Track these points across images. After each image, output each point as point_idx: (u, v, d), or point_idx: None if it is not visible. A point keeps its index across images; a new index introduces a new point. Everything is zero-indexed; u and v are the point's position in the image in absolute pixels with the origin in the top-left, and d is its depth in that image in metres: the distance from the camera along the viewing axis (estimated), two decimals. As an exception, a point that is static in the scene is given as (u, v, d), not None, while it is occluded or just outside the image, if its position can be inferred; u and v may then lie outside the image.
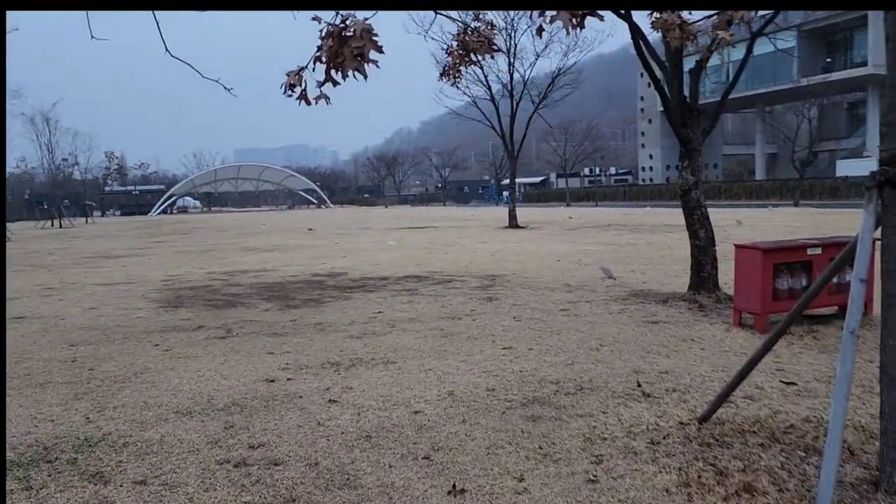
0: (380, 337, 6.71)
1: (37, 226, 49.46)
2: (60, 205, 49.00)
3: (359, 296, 9.42)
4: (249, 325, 7.50)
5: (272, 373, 5.47)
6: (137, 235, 29.93)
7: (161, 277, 12.34)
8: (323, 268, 13.16)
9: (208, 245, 21.57)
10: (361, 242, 20.08)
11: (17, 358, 6.15)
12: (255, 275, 12.33)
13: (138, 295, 10.03)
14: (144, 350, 6.37)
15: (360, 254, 16.13)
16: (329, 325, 7.40)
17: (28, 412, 4.61)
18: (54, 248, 22.60)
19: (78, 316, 8.34)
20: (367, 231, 26.45)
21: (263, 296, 9.63)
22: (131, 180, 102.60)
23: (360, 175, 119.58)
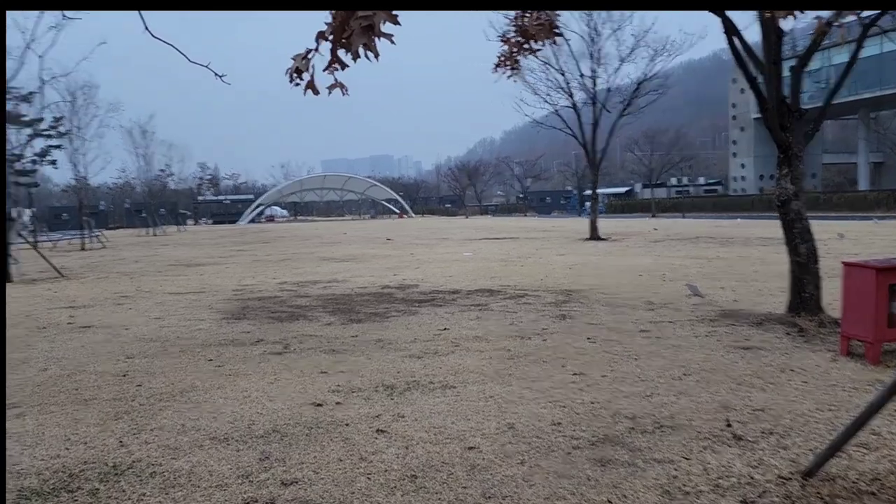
0: (441, 357, 6.25)
1: (135, 233, 51.84)
2: (154, 214, 51.10)
3: (426, 310, 9.00)
4: (308, 340, 7.19)
5: (321, 395, 5.09)
6: (222, 244, 30.68)
7: (233, 287, 12.32)
8: (394, 280, 12.84)
9: (287, 254, 21.75)
10: (437, 253, 19.74)
11: (70, 371, 6.03)
12: (324, 286, 12.13)
13: (206, 305, 9.95)
14: (197, 365, 6.14)
15: (433, 265, 15.77)
16: (390, 342, 7.00)
17: (63, 433, 4.39)
18: (141, 256, 23.34)
19: (142, 326, 8.28)
20: (444, 242, 26.13)
21: (328, 308, 9.36)
22: (223, 190, 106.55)
23: (441, 185, 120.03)
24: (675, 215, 58.59)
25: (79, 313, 9.44)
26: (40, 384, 5.59)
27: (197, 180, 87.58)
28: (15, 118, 43.90)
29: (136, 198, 74.64)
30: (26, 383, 5.62)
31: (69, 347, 7.06)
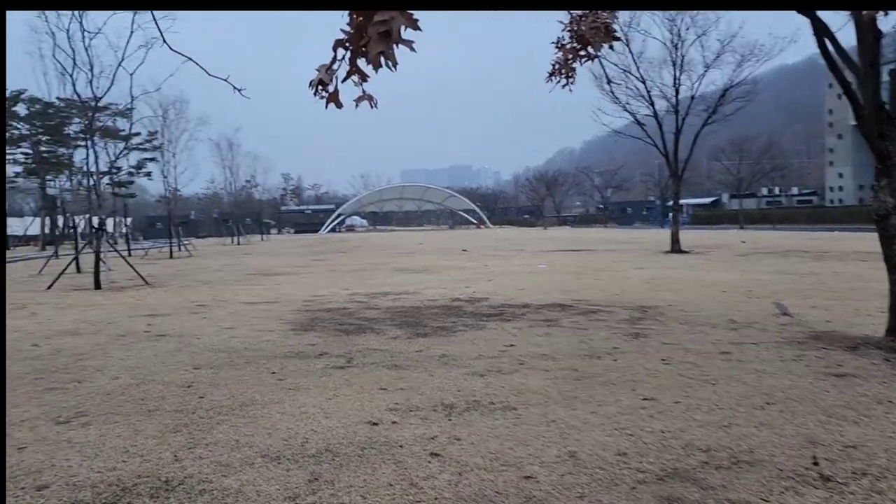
0: (505, 376, 6.02)
1: (220, 242, 53.83)
2: (239, 223, 52.88)
3: (494, 325, 8.79)
4: (372, 354, 7.10)
5: (378, 413, 4.96)
6: (301, 253, 31.36)
7: (305, 298, 12.45)
8: (465, 292, 12.68)
9: (361, 264, 21.97)
10: (511, 265, 19.48)
11: (140, 380, 6.13)
12: (394, 298, 12.09)
13: (276, 316, 10.06)
14: (259, 378, 6.14)
15: (506, 277, 15.53)
16: (454, 358, 6.82)
17: (123, 444, 4.41)
18: (223, 265, 24.08)
19: (212, 336, 8.41)
20: (519, 253, 25.83)
21: (396, 321, 9.28)
22: (305, 200, 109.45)
23: (519, 195, 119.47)
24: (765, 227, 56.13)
25: (156, 321, 9.71)
26: (109, 393, 5.69)
27: (281, 191, 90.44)
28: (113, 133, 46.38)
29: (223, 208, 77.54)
30: (97, 392, 5.73)
31: (142, 356, 7.22)
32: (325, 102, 2.22)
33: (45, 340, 8.36)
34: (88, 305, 12.03)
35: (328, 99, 2.21)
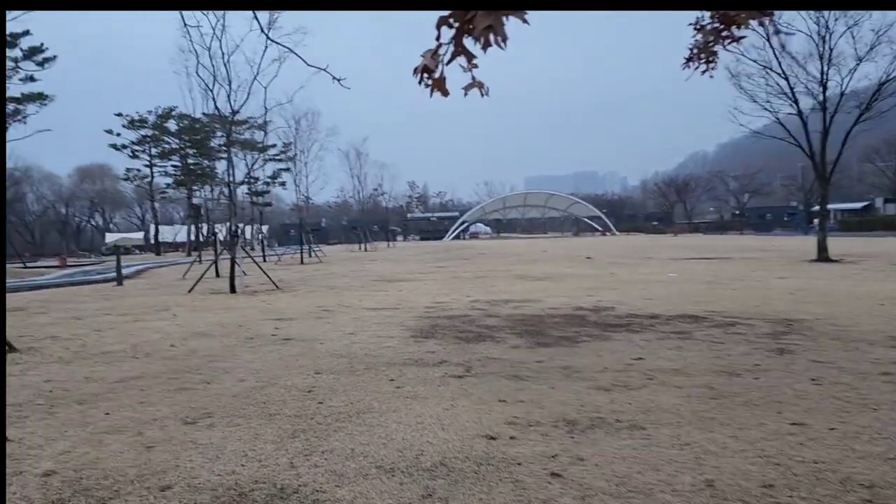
0: (632, 391, 5.63)
1: (348, 249, 55.64)
2: (366, 230, 54.42)
3: (620, 336, 8.34)
4: (492, 363, 6.90)
5: (496, 427, 4.74)
6: (425, 260, 31.74)
7: (426, 304, 12.45)
8: (589, 301, 12.22)
9: (483, 271, 21.86)
10: (638, 273, 18.69)
11: (264, 383, 6.25)
12: (516, 305, 11.84)
13: (398, 322, 10.08)
14: (378, 385, 6.08)
15: (633, 286, 14.87)
16: (577, 370, 6.49)
17: (243, 447, 4.45)
18: (349, 271, 24.74)
19: (335, 341, 8.51)
20: (647, 261, 24.81)
21: (517, 330, 9.03)
22: (430, 207, 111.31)
23: (647, 201, 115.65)
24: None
25: (283, 325, 10.00)
26: (235, 395, 5.83)
27: (406, 198, 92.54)
28: (251, 145, 49.10)
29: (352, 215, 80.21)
30: (224, 393, 5.89)
31: (268, 359, 7.40)
32: (430, 90, 2.04)
33: (181, 341, 8.79)
34: (223, 308, 12.63)
35: (433, 86, 2.03)
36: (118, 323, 10.83)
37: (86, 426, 5.01)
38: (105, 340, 9.06)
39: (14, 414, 5.41)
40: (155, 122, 59.88)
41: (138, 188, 72.62)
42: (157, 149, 62.25)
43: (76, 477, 4.02)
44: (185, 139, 56.65)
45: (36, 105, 33.35)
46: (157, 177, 65.72)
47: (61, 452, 4.43)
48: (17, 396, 6.01)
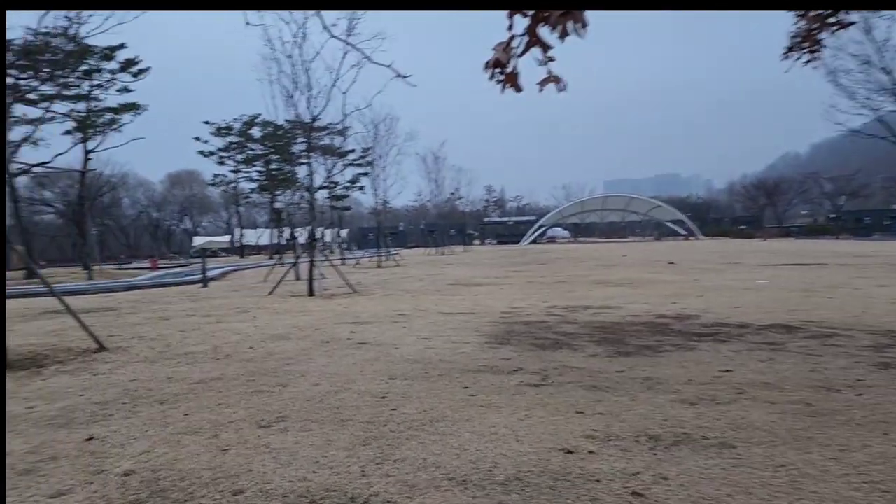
0: (720, 406, 5.30)
1: (425, 252, 55.96)
2: (444, 234, 54.61)
3: (706, 346, 7.94)
4: (569, 372, 6.67)
5: (573, 440, 4.53)
6: (501, 264, 31.51)
7: (502, 309, 12.27)
8: (672, 308, 11.75)
9: (561, 276, 21.47)
10: (725, 280, 17.91)
11: (338, 388, 6.22)
12: (595, 312, 11.50)
13: (473, 327, 9.95)
14: (452, 392, 5.96)
15: (720, 293, 14.24)
16: (660, 381, 6.18)
17: (316, 453, 4.41)
18: (426, 275, 24.78)
19: (410, 346, 8.45)
20: (734, 267, 23.80)
21: (595, 337, 8.74)
22: (508, 211, 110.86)
23: (735, 204, 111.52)
24: None
25: (359, 329, 10.02)
26: (309, 399, 5.82)
27: (483, 202, 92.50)
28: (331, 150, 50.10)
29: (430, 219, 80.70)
30: (298, 397, 5.89)
31: (343, 364, 7.40)
32: (502, 86, 1.90)
33: (259, 344, 8.93)
34: (300, 311, 12.82)
35: (504, 81, 1.88)
36: (201, 324, 11.14)
37: (166, 426, 5.10)
38: (188, 341, 9.31)
39: (100, 412, 5.58)
40: (240, 129, 62.02)
41: (224, 193, 75.39)
42: (241, 155, 64.46)
43: (154, 478, 4.07)
44: (268, 145, 58.42)
45: (130, 115, 35.01)
46: (242, 182, 68.11)
47: (141, 452, 4.51)
48: (105, 394, 6.21)
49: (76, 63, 32.38)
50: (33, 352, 8.56)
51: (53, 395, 6.30)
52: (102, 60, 33.95)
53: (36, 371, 7.45)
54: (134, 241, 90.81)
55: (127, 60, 34.96)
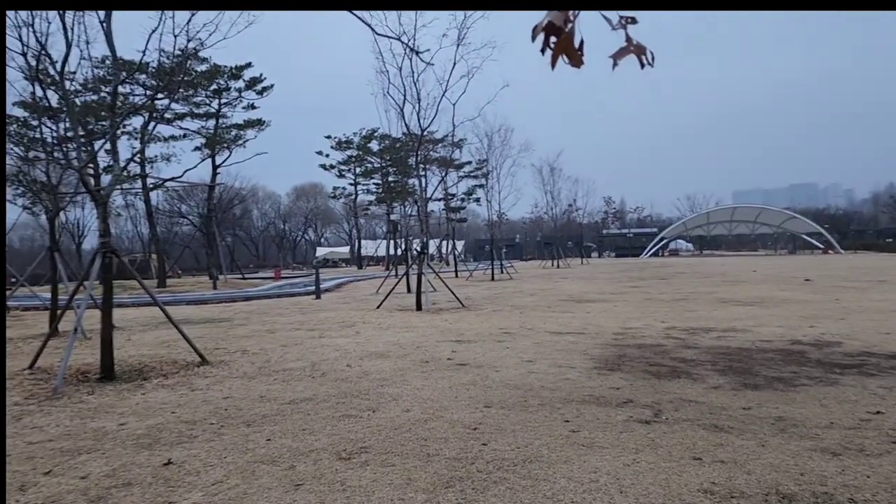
0: (870, 458, 4.44)
1: (541, 265, 55.05)
2: (560, 246, 53.48)
3: (850, 380, 6.92)
4: (686, 407, 5.93)
5: (688, 496, 3.88)
6: (618, 279, 30.23)
7: (615, 329, 11.47)
8: (809, 333, 10.55)
9: (682, 293, 20.16)
10: (871, 300, 16.11)
11: (429, 415, 5.82)
12: (718, 335, 10.50)
13: (581, 350, 9.28)
14: (551, 426, 5.40)
15: (865, 316, 12.73)
16: (795, 422, 5.35)
17: (393, 495, 4.00)
18: (538, 289, 24.07)
19: (511, 369, 7.93)
20: (880, 285, 21.53)
21: (718, 366, 7.86)
22: (627, 223, 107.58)
23: (880, 216, 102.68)
24: None
25: (460, 349, 9.60)
26: (397, 427, 5.45)
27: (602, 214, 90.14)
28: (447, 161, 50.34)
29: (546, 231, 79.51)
30: (385, 425, 5.54)
31: (438, 387, 7.00)
32: (552, 59, 1.38)
33: (357, 361, 8.70)
34: (404, 327, 12.57)
35: (556, 50, 1.36)
36: (304, 338, 11.11)
37: (245, 452, 4.87)
38: (288, 356, 9.24)
39: (187, 432, 5.45)
40: (359, 142, 63.72)
41: (344, 205, 77.71)
42: (360, 168, 66.19)
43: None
44: (386, 158, 59.63)
45: (254, 130, 36.63)
46: (361, 194, 69.92)
47: (214, 483, 4.28)
48: (196, 413, 6.12)
49: (207, 83, 34.27)
50: (142, 363, 8.76)
51: (148, 410, 6.29)
52: (231, 79, 35.78)
53: (139, 384, 7.55)
54: (262, 251, 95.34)
55: (252, 79, 36.62)
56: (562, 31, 1.30)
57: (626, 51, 1.41)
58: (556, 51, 1.33)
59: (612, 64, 1.42)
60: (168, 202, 62.94)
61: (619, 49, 1.41)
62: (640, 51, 1.40)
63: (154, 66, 25.49)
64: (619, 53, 1.42)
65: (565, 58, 1.35)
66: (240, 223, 79.82)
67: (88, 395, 7.02)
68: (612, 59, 1.42)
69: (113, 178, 8.41)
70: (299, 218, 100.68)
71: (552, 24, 1.29)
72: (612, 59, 1.41)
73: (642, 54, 1.41)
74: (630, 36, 1.38)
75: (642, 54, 1.41)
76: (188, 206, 60.39)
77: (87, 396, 6.97)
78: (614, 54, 1.42)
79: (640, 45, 1.39)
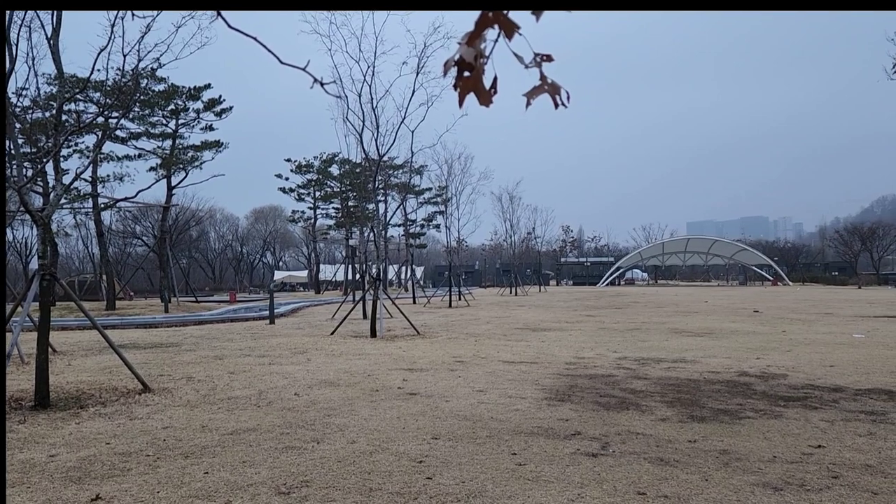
0: (811, 493, 4.48)
1: (499, 292, 55.22)
2: (518, 274, 53.76)
3: (794, 413, 7.02)
4: (634, 439, 5.92)
5: (630, 533, 3.84)
6: (574, 307, 30.44)
7: (568, 359, 11.50)
8: (756, 364, 10.72)
9: (636, 323, 20.37)
10: (816, 332, 16.50)
11: (374, 447, 5.70)
12: (668, 366, 10.59)
13: (533, 379, 9.25)
14: (498, 459, 5.33)
15: (810, 348, 13.01)
16: (739, 456, 5.38)
17: (330, 531, 3.88)
18: (494, 317, 24.08)
19: (462, 399, 7.85)
20: (826, 317, 22.09)
21: (667, 397, 7.91)
22: (585, 252, 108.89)
23: (827, 250, 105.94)
24: None
25: (412, 377, 9.49)
26: (341, 460, 5.32)
27: (560, 242, 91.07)
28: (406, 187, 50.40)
29: (506, 258, 79.97)
30: (329, 457, 5.40)
31: (386, 417, 6.88)
32: (460, 97, 1.36)
33: (306, 390, 8.52)
34: (357, 354, 12.39)
35: (463, 86, 1.33)
36: (253, 365, 10.86)
37: (180, 486, 4.69)
38: (235, 384, 9.00)
39: (120, 465, 5.23)
40: (319, 167, 63.38)
41: (304, 229, 77.03)
42: (320, 192, 65.76)
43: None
44: (346, 183, 59.38)
45: (211, 152, 36.14)
46: (320, 218, 69.41)
47: (143, 519, 4.09)
48: (132, 444, 5.89)
49: (164, 103, 33.78)
50: (80, 390, 8.44)
51: (81, 441, 6.03)
52: (189, 100, 35.33)
53: (75, 412, 7.25)
54: (218, 274, 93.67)
55: (211, 100, 36.22)
56: (472, 67, 1.28)
57: (539, 89, 1.39)
58: (462, 89, 1.30)
59: (526, 103, 1.40)
60: (122, 222, 61.64)
61: (533, 87, 1.39)
62: (555, 90, 1.38)
63: (109, 85, 25.06)
64: (533, 92, 1.40)
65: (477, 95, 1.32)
66: (196, 245, 78.43)
67: (19, 425, 6.71)
68: (526, 98, 1.40)
69: (53, 199, 8.15)
70: (257, 241, 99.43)
71: (463, 60, 1.26)
72: (525, 98, 1.39)
73: (556, 94, 1.39)
74: (545, 74, 1.36)
75: (556, 94, 1.39)
76: (143, 226, 59.22)
77: (17, 426, 6.66)
78: (528, 93, 1.40)
79: (554, 83, 1.37)
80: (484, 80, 1.32)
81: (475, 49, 1.27)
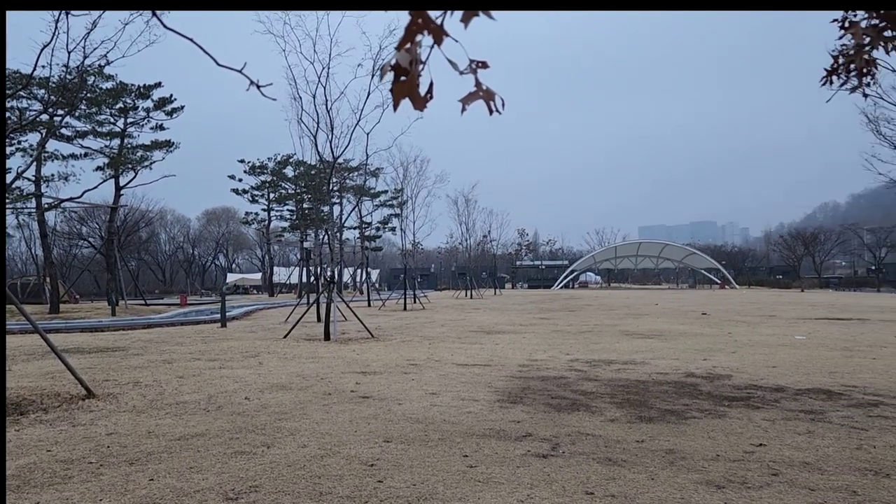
0: (752, 491, 4.62)
1: (454, 295, 55.34)
2: (474, 277, 53.94)
3: (737, 413, 7.22)
4: (583, 440, 6.02)
5: (577, 532, 3.90)
6: (528, 310, 30.71)
7: (521, 361, 11.61)
8: (703, 365, 10.99)
9: (588, 325, 20.67)
10: (760, 334, 16.98)
11: (326, 451, 5.67)
12: (619, 367, 10.79)
13: (486, 382, 9.32)
14: (449, 462, 5.36)
15: (754, 349, 13.39)
16: (684, 455, 5.51)
17: (279, 536, 3.85)
18: (449, 320, 24.14)
19: (415, 402, 7.86)
20: (770, 319, 22.75)
21: (617, 398, 8.06)
22: (541, 255, 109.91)
23: (771, 254, 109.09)
24: None
25: (365, 381, 9.46)
26: (291, 464, 5.28)
27: (516, 245, 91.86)
28: (362, 189, 50.19)
29: (461, 261, 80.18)
30: (279, 462, 5.35)
31: (338, 421, 6.84)
32: (395, 100, 1.38)
33: (257, 394, 8.42)
34: (310, 358, 12.29)
35: (398, 90, 1.36)
36: (203, 370, 10.68)
37: (124, 494, 4.59)
38: (184, 389, 8.84)
39: (61, 473, 5.09)
40: (273, 168, 62.66)
41: (258, 231, 76.03)
42: (274, 193, 65.01)
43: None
44: (300, 185, 58.83)
45: (162, 152, 35.37)
46: (275, 220, 68.60)
47: (85, 527, 4.00)
48: (74, 451, 5.74)
49: (112, 101, 32.94)
50: (20, 396, 8.17)
51: (21, 448, 5.85)
52: (138, 98, 34.55)
53: (15, 419, 7.03)
54: (169, 277, 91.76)
55: (161, 99, 35.49)
56: (408, 72, 1.30)
57: (474, 95, 1.42)
58: (396, 93, 1.32)
59: (461, 108, 1.44)
60: (67, 223, 59.91)
61: (469, 94, 1.42)
62: (490, 96, 1.42)
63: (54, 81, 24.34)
64: (468, 98, 1.43)
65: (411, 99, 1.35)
66: (146, 247, 76.69)
67: (-45, 432, 6.47)
68: (461, 104, 1.43)
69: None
70: (210, 243, 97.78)
71: (399, 65, 1.29)
72: (460, 103, 1.42)
73: (491, 100, 1.42)
74: (479, 81, 1.40)
75: (491, 100, 1.42)
76: (89, 227, 57.63)
77: (-47, 433, 6.42)
78: (463, 99, 1.43)
79: (489, 90, 1.40)
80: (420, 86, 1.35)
81: (411, 54, 1.29)
